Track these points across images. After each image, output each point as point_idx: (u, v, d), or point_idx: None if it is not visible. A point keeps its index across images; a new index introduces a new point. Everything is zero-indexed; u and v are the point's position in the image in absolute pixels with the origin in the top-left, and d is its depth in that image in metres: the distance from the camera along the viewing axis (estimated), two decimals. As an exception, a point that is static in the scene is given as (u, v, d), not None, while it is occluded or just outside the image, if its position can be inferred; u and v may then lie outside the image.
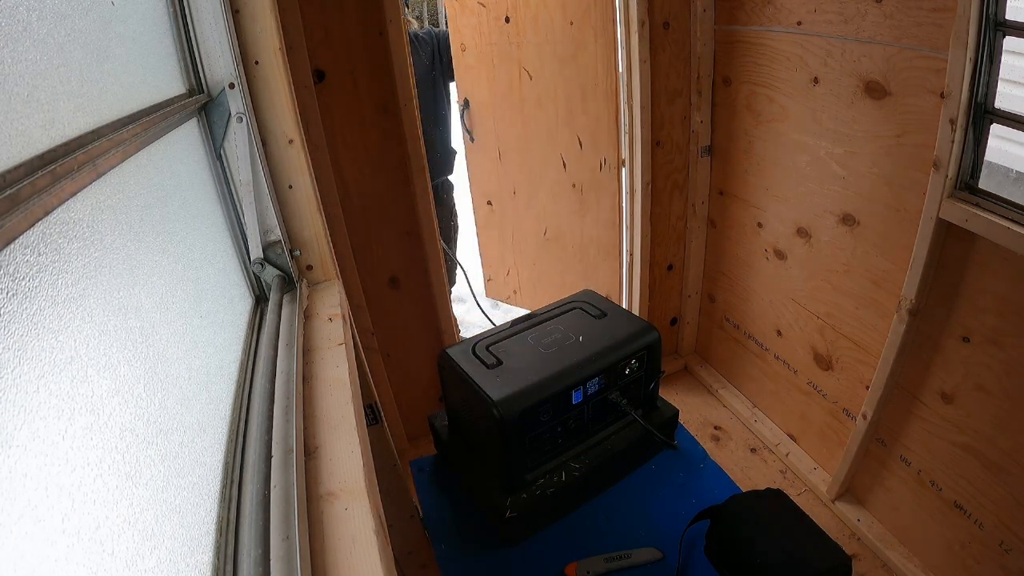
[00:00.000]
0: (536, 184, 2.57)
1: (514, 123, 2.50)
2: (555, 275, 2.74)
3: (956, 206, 1.22)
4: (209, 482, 0.60)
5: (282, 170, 1.05)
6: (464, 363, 1.05)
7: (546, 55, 2.29)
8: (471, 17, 2.39)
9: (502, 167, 2.64)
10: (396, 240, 1.80)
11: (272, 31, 0.97)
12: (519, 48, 2.35)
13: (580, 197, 2.46)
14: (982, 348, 1.28)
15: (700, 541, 1.00)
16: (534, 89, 2.38)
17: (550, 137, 2.42)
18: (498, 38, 2.38)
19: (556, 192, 2.51)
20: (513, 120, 2.50)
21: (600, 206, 2.43)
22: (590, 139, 2.33)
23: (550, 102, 2.36)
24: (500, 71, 2.43)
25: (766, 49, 1.69)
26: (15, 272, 0.36)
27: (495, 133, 2.59)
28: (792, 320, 1.88)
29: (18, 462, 0.33)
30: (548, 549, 1.03)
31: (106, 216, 0.53)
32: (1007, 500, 1.29)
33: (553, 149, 2.43)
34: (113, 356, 0.48)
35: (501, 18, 2.34)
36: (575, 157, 2.40)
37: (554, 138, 2.41)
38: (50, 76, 0.48)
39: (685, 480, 1.15)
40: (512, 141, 2.55)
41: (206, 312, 0.76)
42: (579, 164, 2.40)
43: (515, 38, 2.34)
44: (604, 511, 1.10)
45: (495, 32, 2.37)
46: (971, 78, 1.13)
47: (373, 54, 1.55)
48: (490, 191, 2.76)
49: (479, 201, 2.84)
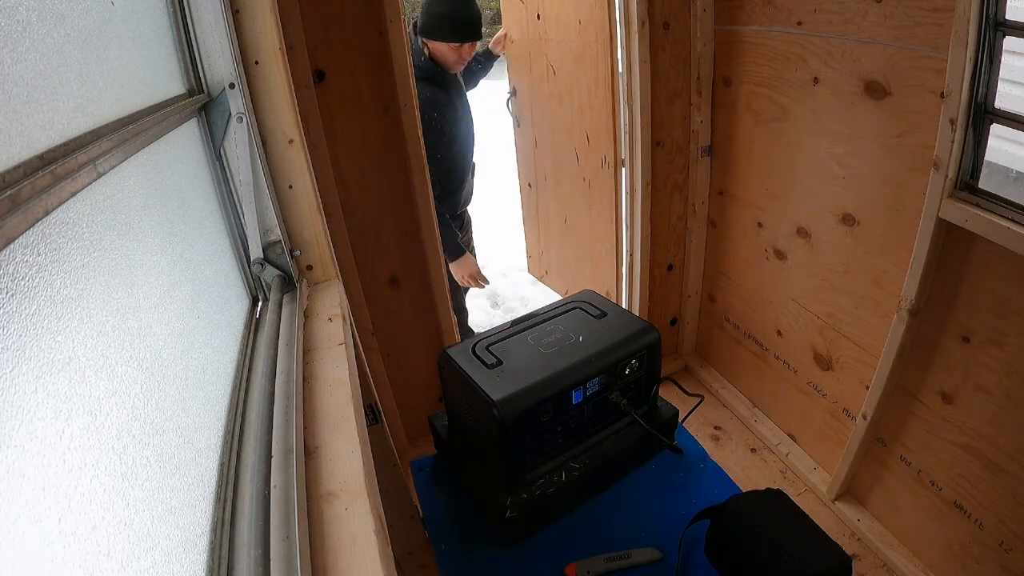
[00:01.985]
0: (560, 173, 2.72)
1: (545, 113, 2.69)
2: (571, 263, 2.89)
3: (956, 206, 1.22)
4: (205, 483, 0.60)
5: (282, 170, 1.05)
6: (464, 363, 1.05)
7: (564, 52, 2.39)
8: (516, 11, 2.60)
9: (538, 153, 2.86)
10: (396, 240, 1.80)
11: (272, 31, 0.97)
12: (546, 44, 2.50)
13: (588, 192, 2.54)
14: (982, 348, 1.28)
15: (700, 541, 1.00)
16: (557, 84, 2.51)
17: (568, 131, 2.54)
18: (532, 33, 2.56)
19: (572, 184, 2.64)
20: (544, 111, 2.69)
21: (602, 203, 2.44)
22: (595, 136, 2.37)
23: (568, 97, 2.47)
24: (535, 64, 2.62)
25: (766, 49, 1.69)
26: (15, 272, 0.36)
27: (532, 121, 2.81)
28: (792, 320, 1.88)
29: (15, 462, 0.33)
30: (548, 549, 1.03)
31: (105, 216, 0.53)
32: (1007, 500, 1.29)
33: (570, 142, 2.55)
34: (111, 357, 0.48)
35: (534, 14, 2.49)
36: (585, 153, 2.48)
37: (571, 133, 2.52)
38: (50, 76, 0.48)
39: (685, 480, 1.15)
40: (544, 130, 2.75)
41: (203, 312, 0.76)
42: (587, 160, 2.48)
43: (544, 34, 2.49)
44: (604, 511, 1.10)
45: (530, 27, 2.55)
46: (971, 78, 1.13)
47: (373, 54, 1.55)
48: (530, 174, 2.99)
49: (523, 183, 3.08)
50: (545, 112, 2.69)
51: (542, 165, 2.86)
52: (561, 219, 2.83)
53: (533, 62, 2.62)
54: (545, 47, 2.51)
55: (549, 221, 2.97)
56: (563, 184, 2.72)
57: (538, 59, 2.58)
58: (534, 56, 2.60)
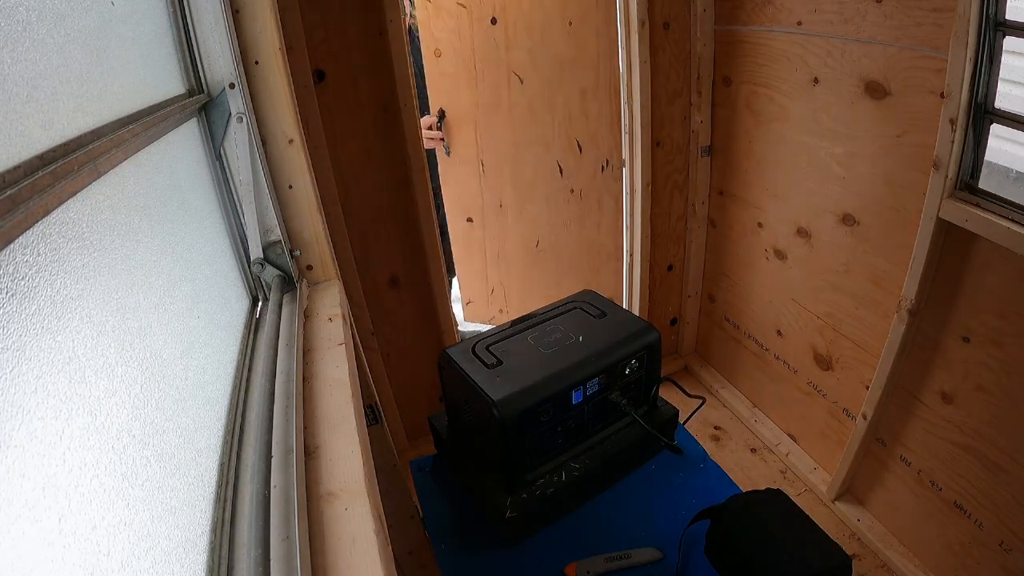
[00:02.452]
0: (527, 194, 2.44)
1: (502, 131, 2.34)
2: (550, 286, 2.63)
3: (956, 206, 1.22)
4: (205, 483, 0.60)
5: (282, 170, 1.05)
6: (464, 363, 1.05)
7: (541, 58, 2.18)
8: (448, 20, 2.17)
9: (486, 180, 2.45)
10: (396, 240, 1.80)
11: (272, 31, 0.96)
12: (508, 51, 2.18)
13: (579, 202, 2.38)
14: (982, 348, 1.28)
15: (700, 541, 1.00)
16: (525, 95, 2.25)
17: (544, 144, 2.32)
18: (483, 42, 2.18)
19: (552, 200, 2.42)
20: (501, 128, 2.34)
21: (603, 209, 2.40)
22: (591, 142, 2.27)
23: (545, 108, 2.24)
24: (485, 77, 2.24)
25: (766, 49, 1.69)
26: (15, 272, 0.36)
27: (477, 144, 2.38)
28: (792, 320, 1.88)
29: (16, 462, 0.33)
30: (548, 549, 1.03)
31: (105, 216, 0.53)
32: (1007, 500, 1.29)
33: (548, 156, 2.34)
34: (111, 356, 0.48)
35: (486, 20, 2.15)
36: (574, 162, 2.33)
37: (549, 145, 2.31)
38: (50, 76, 0.48)
39: (685, 480, 1.15)
40: (499, 151, 2.39)
41: (204, 312, 0.76)
42: (578, 169, 2.34)
43: (503, 41, 2.17)
44: (604, 511, 1.10)
45: (479, 35, 2.17)
46: (971, 78, 1.13)
47: (373, 54, 1.55)
48: (471, 207, 2.54)
49: (456, 219, 2.57)
50: (503, 130, 2.33)
51: (493, 192, 2.46)
52: (530, 245, 2.53)
53: (481, 75, 2.24)
54: (506, 55, 2.19)
55: (507, 253, 2.59)
56: (534, 205, 2.44)
57: (492, 71, 2.23)
58: (483, 68, 2.23)
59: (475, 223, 2.57)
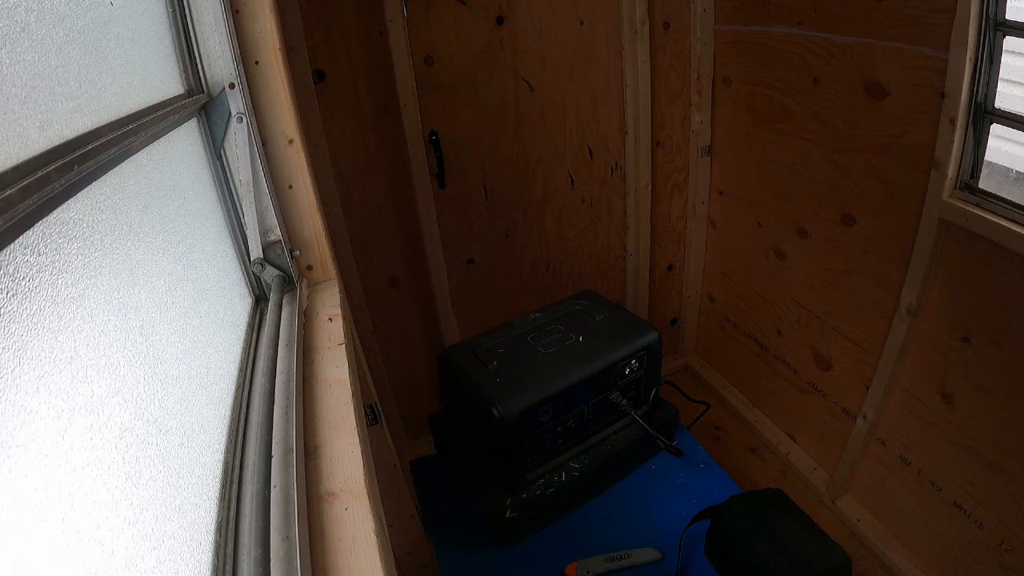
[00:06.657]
0: (538, 216, 2.17)
1: (508, 148, 2.02)
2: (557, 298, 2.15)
3: (956, 206, 1.22)
4: (209, 482, 0.60)
5: (282, 170, 1.05)
6: (464, 363, 1.05)
7: (552, 61, 1.96)
8: (445, 19, 1.75)
9: (488, 208, 2.08)
10: (396, 240, 1.80)
11: (272, 31, 0.96)
12: (515, 55, 1.91)
13: (590, 211, 2.22)
14: (982, 348, 1.28)
15: (700, 541, 1.00)
16: (535, 103, 1.99)
17: (557, 154, 2.10)
18: (486, 45, 1.87)
19: (564, 214, 2.21)
20: (508, 145, 2.02)
21: (612, 212, 2.34)
22: (601, 146, 2.13)
23: (556, 115, 2.03)
24: (489, 87, 1.92)
25: (766, 49, 1.69)
26: (15, 272, 0.36)
27: (481, 169, 2.01)
28: (792, 320, 1.88)
29: (18, 462, 0.33)
30: (548, 549, 1.03)
31: (106, 216, 0.53)
32: (1007, 500, 1.29)
33: (560, 167, 2.13)
34: (113, 356, 0.48)
35: (492, 19, 1.84)
36: (584, 170, 2.16)
37: (561, 155, 2.10)
38: (49, 77, 0.48)
39: (685, 480, 1.15)
40: (503, 172, 2.05)
41: (206, 312, 0.76)
42: (588, 176, 2.17)
43: (511, 43, 1.89)
44: (604, 511, 1.10)
45: (482, 37, 1.86)
46: (971, 78, 1.13)
47: (373, 54, 1.55)
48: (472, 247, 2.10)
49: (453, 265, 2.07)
50: (509, 146, 1.99)
51: (498, 221, 2.09)
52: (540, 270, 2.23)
53: (483, 86, 1.88)
54: (513, 60, 1.89)
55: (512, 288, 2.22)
56: (542, 226, 2.15)
57: (496, 78, 1.90)
58: (487, 77, 1.88)
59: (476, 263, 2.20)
